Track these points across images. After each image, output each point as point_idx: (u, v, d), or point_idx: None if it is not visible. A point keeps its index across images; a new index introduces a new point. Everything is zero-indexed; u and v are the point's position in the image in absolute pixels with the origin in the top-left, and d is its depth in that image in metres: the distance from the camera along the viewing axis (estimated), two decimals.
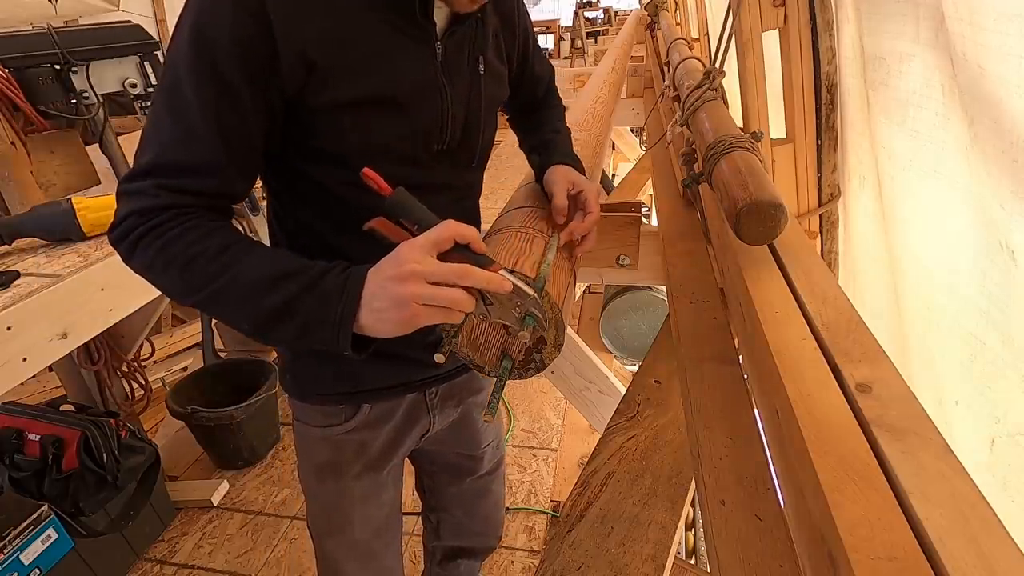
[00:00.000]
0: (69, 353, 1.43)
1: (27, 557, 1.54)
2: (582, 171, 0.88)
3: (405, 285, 0.54)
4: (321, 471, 0.94)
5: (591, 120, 1.46)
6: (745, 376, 0.73)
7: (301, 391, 0.89)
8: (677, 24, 3.95)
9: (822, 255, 1.26)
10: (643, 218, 1.30)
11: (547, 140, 0.95)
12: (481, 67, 0.77)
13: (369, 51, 0.65)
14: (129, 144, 2.03)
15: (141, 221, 0.59)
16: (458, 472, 1.18)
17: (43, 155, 1.71)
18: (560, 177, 0.82)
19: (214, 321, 2.54)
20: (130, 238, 0.60)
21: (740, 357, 0.77)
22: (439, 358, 0.69)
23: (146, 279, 0.63)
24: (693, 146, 1.06)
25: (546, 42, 12.51)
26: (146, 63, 1.78)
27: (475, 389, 1.04)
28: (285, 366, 0.89)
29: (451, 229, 0.56)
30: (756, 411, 0.66)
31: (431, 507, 1.27)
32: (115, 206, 0.62)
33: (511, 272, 0.62)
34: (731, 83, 1.23)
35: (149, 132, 0.61)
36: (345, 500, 0.96)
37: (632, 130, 4.28)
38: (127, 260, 0.62)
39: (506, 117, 1.06)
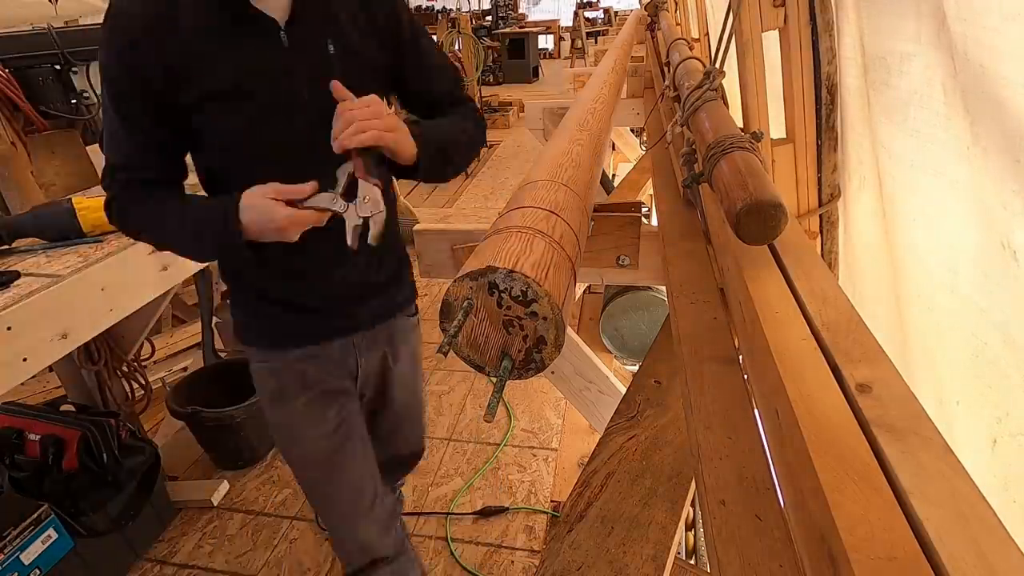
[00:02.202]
0: (69, 353, 1.43)
1: (27, 557, 1.55)
2: (433, 149, 0.95)
3: (275, 223, 0.83)
4: (271, 398, 1.14)
5: (591, 120, 1.46)
6: (745, 376, 0.73)
7: (243, 337, 1.13)
8: (677, 24, 3.95)
9: (822, 255, 1.26)
10: (643, 218, 1.30)
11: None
12: (331, 47, 0.90)
13: (215, 51, 0.83)
14: None
15: (113, 207, 0.93)
16: (379, 405, 1.33)
17: (43, 155, 1.71)
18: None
19: (214, 321, 2.54)
20: (113, 219, 0.94)
21: (740, 357, 0.76)
22: (439, 357, 0.70)
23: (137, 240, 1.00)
24: (693, 146, 1.06)
25: (546, 42, 12.51)
26: None
27: (391, 340, 1.21)
28: (236, 318, 1.12)
29: (302, 189, 0.85)
30: (756, 411, 0.66)
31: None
32: None
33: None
34: (731, 83, 1.22)
35: (102, 142, 0.91)
36: (294, 420, 1.14)
37: (632, 130, 4.28)
38: (122, 232, 0.98)
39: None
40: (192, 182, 0.99)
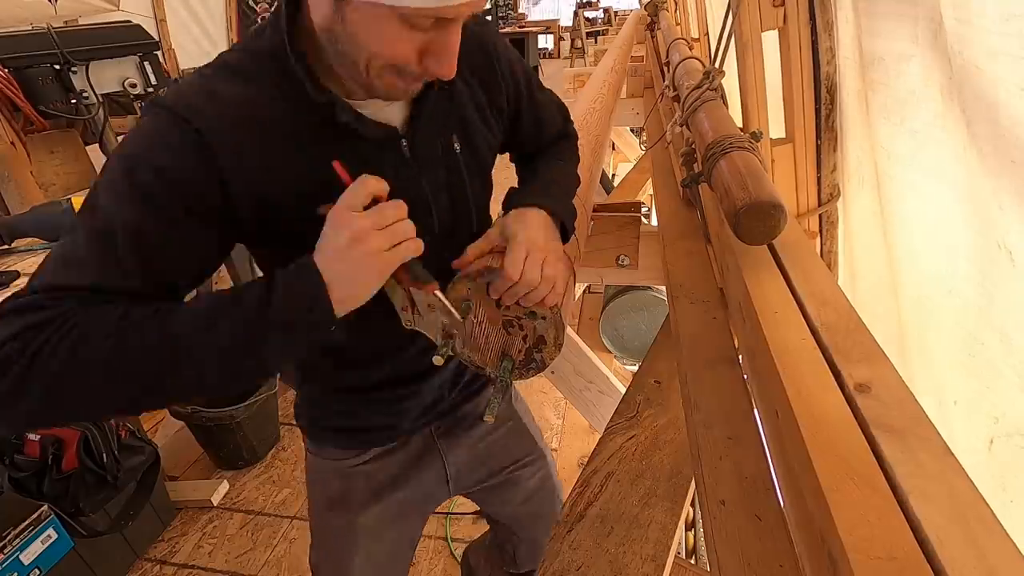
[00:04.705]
0: None
1: (27, 557, 1.54)
2: (564, 215, 0.76)
3: (363, 245, 0.56)
4: (332, 503, 0.96)
5: (591, 120, 1.47)
6: (745, 376, 0.73)
7: (317, 434, 0.94)
8: (677, 24, 3.95)
9: (822, 255, 1.27)
10: (643, 218, 1.30)
11: (529, 172, 0.86)
12: (457, 146, 0.74)
13: (322, 177, 0.60)
14: None
15: (29, 338, 0.49)
16: (505, 496, 1.14)
17: (43, 155, 1.72)
18: (499, 226, 0.71)
19: None
20: (14, 368, 0.48)
21: (740, 357, 0.77)
22: (438, 360, 0.70)
23: (45, 409, 0.50)
24: (693, 146, 1.07)
25: (546, 42, 12.50)
26: (146, 63, 1.78)
27: (477, 422, 1.02)
28: (303, 411, 0.92)
29: (368, 186, 0.58)
30: (756, 411, 0.67)
31: (504, 536, 1.25)
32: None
33: (444, 294, 0.66)
34: (731, 83, 1.23)
35: (61, 256, 0.55)
36: (350, 534, 0.96)
37: (632, 130, 4.28)
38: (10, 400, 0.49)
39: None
40: None
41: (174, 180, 0.57)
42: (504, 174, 0.86)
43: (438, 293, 0.65)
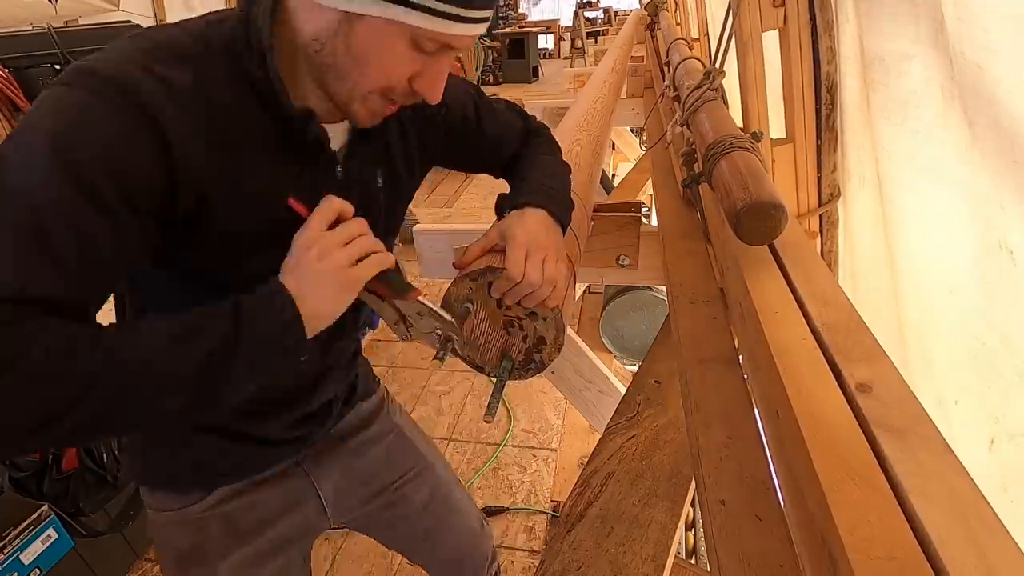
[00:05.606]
0: None
1: (27, 557, 1.55)
2: (562, 207, 0.77)
3: (330, 258, 0.56)
4: (183, 559, 0.83)
5: (591, 120, 1.46)
6: (745, 376, 0.73)
7: (152, 479, 0.82)
8: (677, 24, 3.95)
9: (822, 255, 1.27)
10: (643, 218, 1.30)
11: (517, 175, 0.85)
12: (380, 180, 0.74)
13: (266, 185, 0.61)
14: None
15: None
16: (395, 517, 1.04)
17: None
18: (498, 228, 0.72)
19: None
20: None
21: (740, 357, 0.77)
22: (437, 363, 0.70)
23: None
24: (693, 146, 1.06)
25: (546, 42, 12.50)
26: None
27: (348, 432, 0.96)
28: (136, 452, 0.82)
29: (334, 206, 0.59)
30: (756, 411, 0.67)
31: (410, 560, 1.17)
32: None
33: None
34: (731, 83, 1.23)
35: None
36: None
37: (632, 130, 4.28)
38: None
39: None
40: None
41: (119, 169, 0.49)
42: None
43: (422, 299, 0.64)
